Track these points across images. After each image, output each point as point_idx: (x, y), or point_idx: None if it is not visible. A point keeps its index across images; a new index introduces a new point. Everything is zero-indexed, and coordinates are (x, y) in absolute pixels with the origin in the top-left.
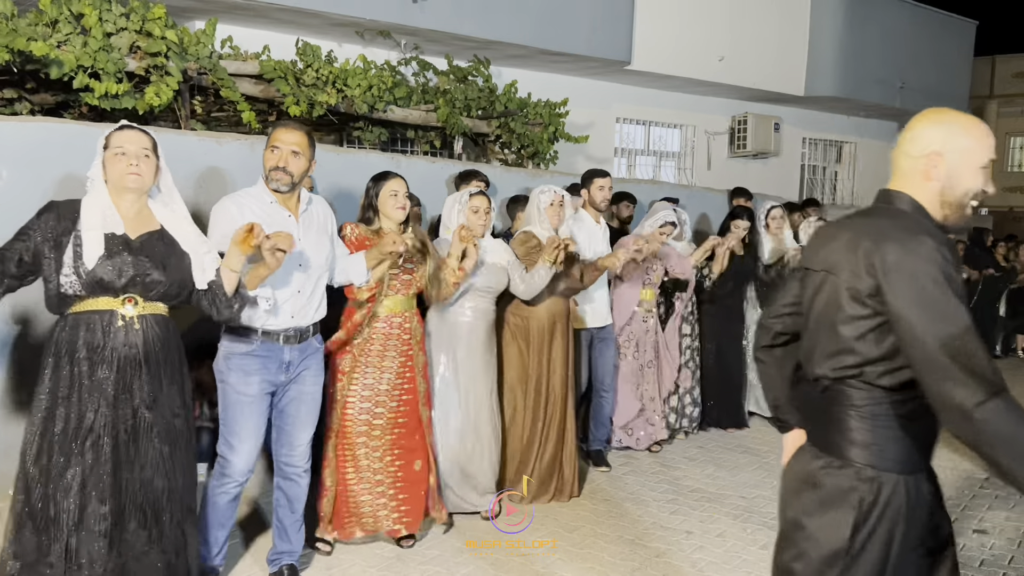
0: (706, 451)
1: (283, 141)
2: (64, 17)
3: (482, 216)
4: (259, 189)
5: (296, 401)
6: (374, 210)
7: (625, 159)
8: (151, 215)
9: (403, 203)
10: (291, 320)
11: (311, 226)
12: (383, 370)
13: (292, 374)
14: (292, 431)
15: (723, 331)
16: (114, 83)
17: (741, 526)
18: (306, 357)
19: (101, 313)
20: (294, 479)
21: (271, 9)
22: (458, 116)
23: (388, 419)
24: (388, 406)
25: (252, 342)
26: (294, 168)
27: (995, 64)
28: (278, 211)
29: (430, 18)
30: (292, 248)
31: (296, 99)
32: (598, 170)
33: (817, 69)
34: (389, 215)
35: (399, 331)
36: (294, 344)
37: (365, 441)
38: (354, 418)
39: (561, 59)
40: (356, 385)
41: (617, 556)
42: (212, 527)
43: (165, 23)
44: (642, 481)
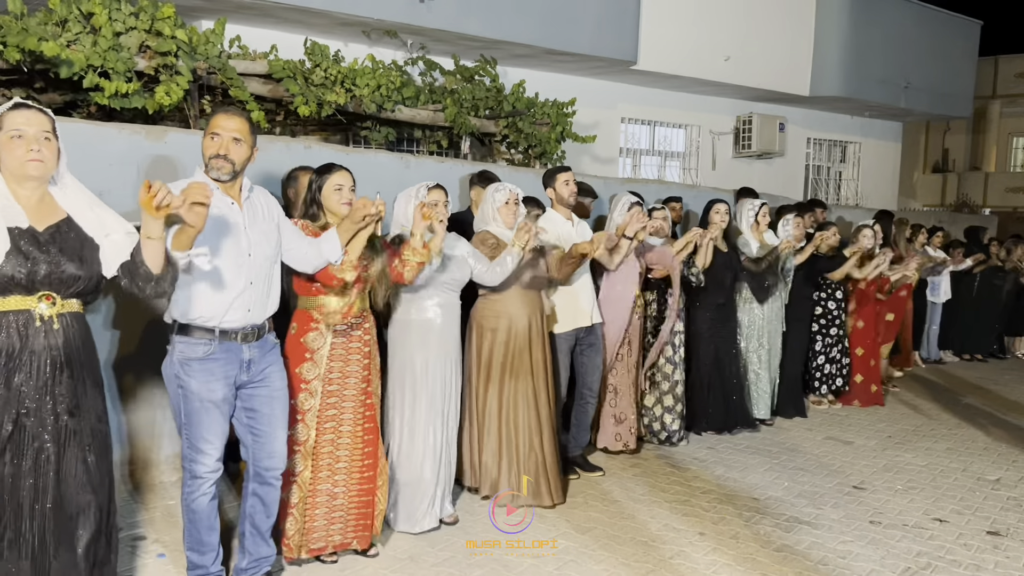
0: (716, 452)
1: (223, 128)
2: (74, 16)
3: (442, 210)
4: (198, 177)
5: (269, 400)
6: (318, 205)
7: (630, 159)
8: (55, 204)
9: (348, 198)
10: (248, 315)
11: (256, 214)
12: (347, 375)
13: (254, 373)
14: (269, 431)
15: (717, 333)
16: (124, 82)
17: (754, 527)
18: (266, 354)
19: (16, 313)
20: (272, 483)
21: (277, 8)
22: (466, 116)
23: (353, 428)
24: (355, 413)
25: (210, 343)
26: (235, 156)
27: (998, 64)
28: (220, 198)
29: (437, 18)
30: (210, 198)
31: (305, 99)
32: (558, 167)
33: (822, 69)
34: (334, 210)
35: (360, 332)
36: (252, 342)
37: (331, 451)
38: (320, 429)
39: (567, 59)
40: (321, 394)
41: (631, 558)
42: (203, 533)
43: (174, 22)
44: (652, 482)
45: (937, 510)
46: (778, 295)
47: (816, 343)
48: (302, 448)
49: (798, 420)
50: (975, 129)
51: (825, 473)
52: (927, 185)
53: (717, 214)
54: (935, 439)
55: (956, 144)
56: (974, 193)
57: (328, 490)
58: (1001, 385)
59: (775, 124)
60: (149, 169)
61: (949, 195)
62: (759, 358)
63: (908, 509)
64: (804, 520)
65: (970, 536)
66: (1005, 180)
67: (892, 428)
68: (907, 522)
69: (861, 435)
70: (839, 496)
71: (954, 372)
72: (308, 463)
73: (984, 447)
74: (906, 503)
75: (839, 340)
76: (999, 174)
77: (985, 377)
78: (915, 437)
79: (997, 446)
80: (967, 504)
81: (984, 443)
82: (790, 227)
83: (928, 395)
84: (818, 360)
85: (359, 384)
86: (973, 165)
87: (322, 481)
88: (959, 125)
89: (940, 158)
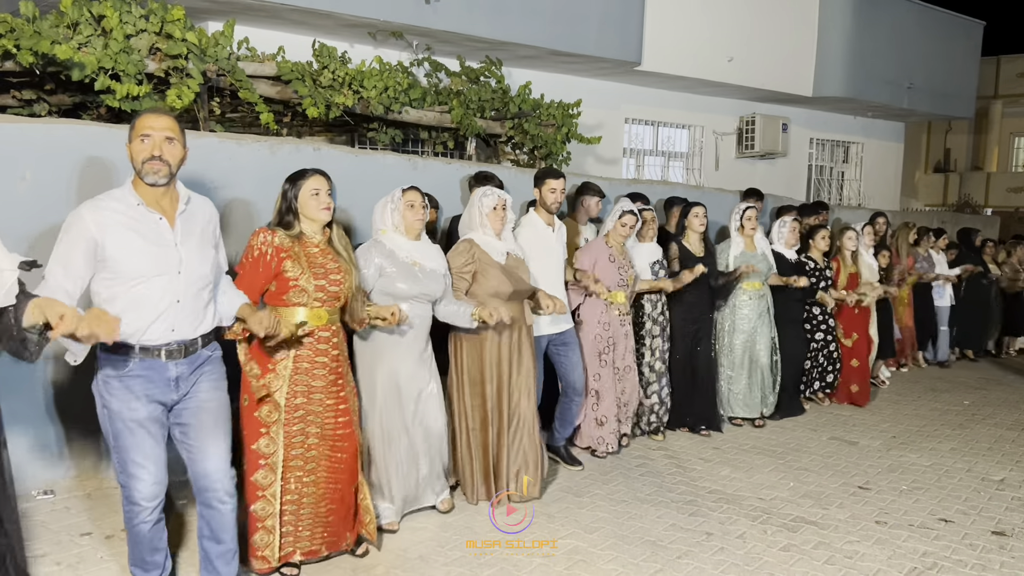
0: (721, 452)
1: (153, 128)
2: (85, 19)
3: (418, 212)
4: (124, 191)
5: (196, 411)
6: (294, 213)
7: (634, 159)
8: None
9: (327, 203)
10: (171, 333)
11: (192, 228)
12: (313, 390)
13: (184, 390)
14: (199, 445)
15: (687, 333)
16: (135, 85)
17: (761, 528)
18: (198, 367)
19: None
20: (215, 506)
21: (283, 10)
22: (472, 117)
23: (323, 444)
24: (324, 428)
25: (129, 360)
26: (170, 156)
27: (1000, 64)
28: (146, 216)
29: (442, 19)
30: (114, 338)
31: (313, 100)
32: (551, 170)
33: (825, 70)
34: (312, 217)
35: (327, 346)
36: (179, 358)
37: (300, 464)
38: (288, 443)
39: (571, 60)
40: (285, 407)
41: (639, 557)
42: (145, 553)
43: (184, 24)
44: (658, 482)
45: (942, 510)
46: (765, 297)
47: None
48: (268, 462)
49: (802, 420)
50: (977, 129)
51: (830, 473)
52: (929, 185)
53: (696, 217)
54: (939, 439)
55: (958, 144)
56: (976, 193)
57: (297, 500)
58: (1004, 385)
59: (778, 124)
60: None
61: (951, 195)
62: (734, 361)
63: (913, 509)
64: (810, 520)
65: (975, 536)
66: (1007, 180)
67: (896, 428)
68: (913, 522)
69: (865, 435)
70: (844, 496)
71: (956, 373)
72: (276, 476)
73: (988, 447)
74: (911, 503)
75: (826, 344)
76: (1001, 174)
77: (987, 377)
78: (919, 437)
79: (1001, 446)
80: (972, 504)
81: (988, 443)
82: (786, 230)
83: (931, 396)
84: (805, 364)
85: (327, 399)
86: (975, 165)
87: (290, 493)
88: (961, 125)
89: (942, 158)
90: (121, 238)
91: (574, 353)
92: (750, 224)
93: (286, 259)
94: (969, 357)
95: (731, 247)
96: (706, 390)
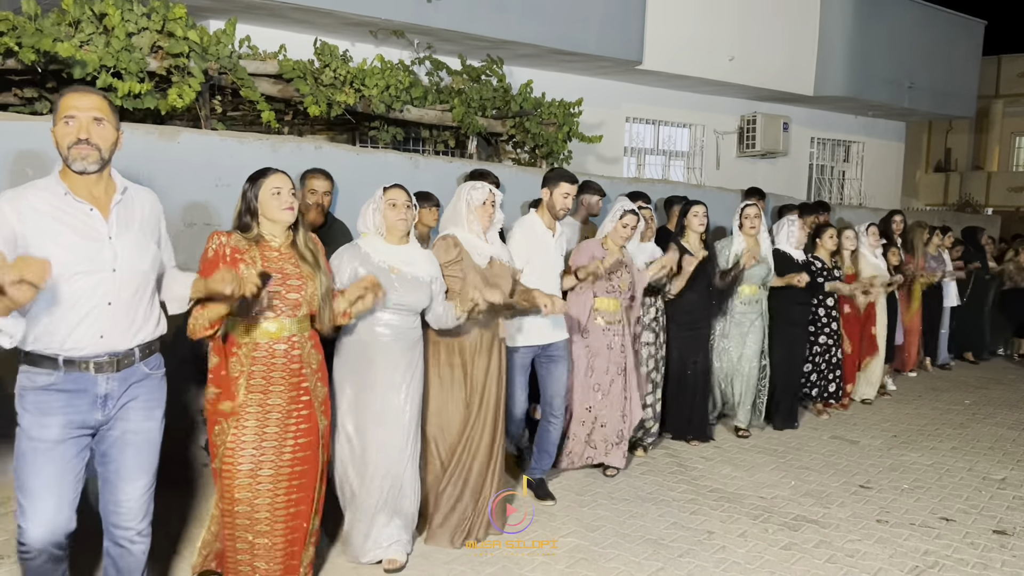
0: (722, 451)
1: (79, 107)
2: (87, 17)
3: (400, 211)
4: (50, 180)
5: (119, 444)
6: (252, 214)
7: (635, 158)
8: None
9: (288, 203)
10: (100, 341)
11: (130, 221)
12: (268, 409)
13: (112, 410)
14: (116, 482)
15: (683, 341)
16: (136, 83)
17: (762, 526)
18: (131, 386)
19: None
20: (124, 545)
21: (285, 8)
22: (473, 116)
23: (279, 468)
24: (280, 452)
25: (52, 373)
26: (100, 139)
27: (1001, 64)
28: (74, 206)
29: (444, 17)
30: (45, 280)
31: (315, 99)
32: (566, 172)
33: (826, 69)
34: (272, 217)
35: (285, 360)
36: (110, 372)
37: (249, 498)
38: (233, 469)
39: (573, 59)
40: (235, 429)
41: (640, 556)
42: None
43: (186, 23)
44: (660, 481)
45: (943, 509)
46: (760, 301)
47: (806, 351)
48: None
49: (803, 419)
50: (978, 128)
51: (831, 472)
52: (929, 185)
53: (696, 217)
54: (940, 439)
55: (958, 143)
56: (976, 193)
57: (248, 526)
58: (1004, 385)
59: (779, 124)
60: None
61: (951, 195)
62: (725, 367)
63: (914, 508)
64: (811, 519)
65: (977, 535)
66: (1007, 180)
67: (897, 428)
68: (914, 521)
69: (866, 435)
70: (846, 495)
71: (956, 373)
72: (223, 511)
73: (989, 447)
74: (912, 502)
75: (828, 348)
76: (1001, 174)
77: (988, 377)
78: (920, 437)
79: (1002, 446)
80: (973, 503)
81: (989, 443)
82: (795, 228)
83: (932, 395)
84: (805, 368)
85: (286, 420)
86: (975, 165)
87: (241, 516)
88: (961, 124)
89: (943, 157)
90: (46, 229)
91: (558, 368)
92: (748, 222)
93: (240, 263)
94: (969, 360)
95: (732, 244)
96: (700, 400)
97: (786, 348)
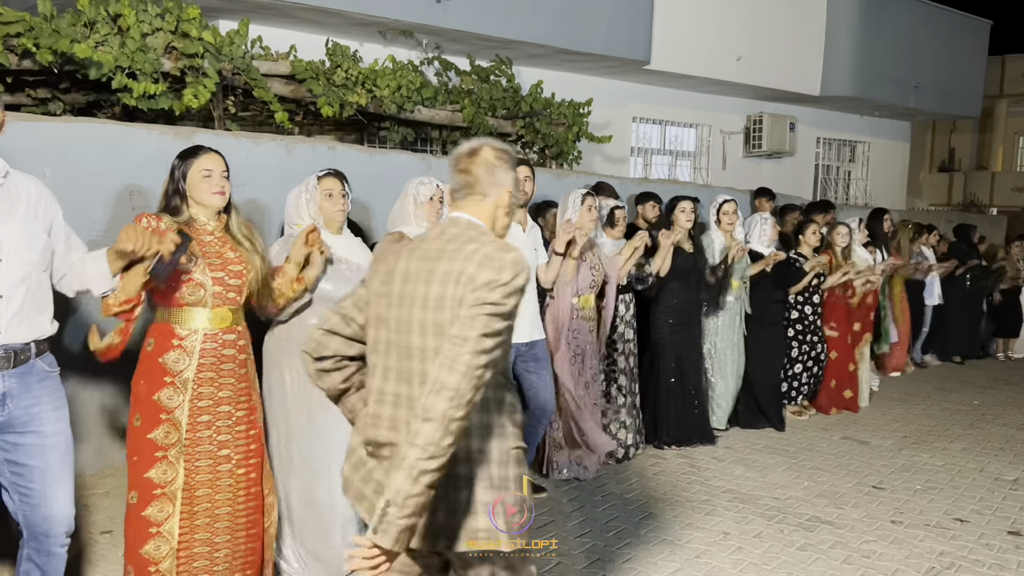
0: (734, 451)
1: None
2: (102, 18)
3: (337, 201)
4: None
5: (41, 450)
6: (181, 196)
7: (641, 158)
8: None
9: (219, 186)
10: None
11: (13, 208)
12: (219, 402)
13: (15, 413)
14: (45, 491)
15: (679, 340)
16: (151, 83)
17: (777, 527)
18: (32, 387)
19: None
20: (55, 551)
21: (295, 8)
22: (483, 116)
23: (234, 465)
24: (236, 446)
25: None
26: None
27: (1005, 64)
28: None
29: (452, 18)
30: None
31: (328, 100)
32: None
33: (833, 69)
34: (203, 201)
35: (234, 351)
36: (6, 369)
37: (209, 494)
38: (191, 468)
39: (580, 59)
40: (188, 426)
41: (657, 556)
42: None
43: (200, 24)
44: (672, 482)
45: (957, 510)
46: (738, 300)
47: (792, 350)
48: (165, 491)
49: (814, 419)
50: (982, 128)
51: (844, 473)
52: (934, 184)
53: (683, 213)
54: (950, 439)
55: (963, 143)
56: (981, 192)
57: (208, 539)
58: (1012, 385)
59: (785, 124)
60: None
61: (956, 194)
62: (711, 366)
63: (928, 509)
64: (826, 520)
65: (991, 536)
66: (1012, 179)
67: (907, 428)
68: (928, 522)
69: (877, 435)
70: (859, 496)
71: (964, 372)
72: (175, 508)
73: (1000, 447)
74: (926, 503)
75: (814, 347)
76: (1006, 173)
77: (996, 377)
78: (930, 437)
79: (1012, 446)
80: (987, 504)
81: (999, 443)
82: (768, 227)
83: (940, 396)
84: (795, 368)
85: (236, 412)
86: (979, 164)
87: (200, 530)
88: (965, 124)
89: (947, 157)
90: None
91: (545, 371)
92: (727, 219)
93: None
94: (956, 361)
95: (714, 242)
96: (699, 403)
97: (764, 348)
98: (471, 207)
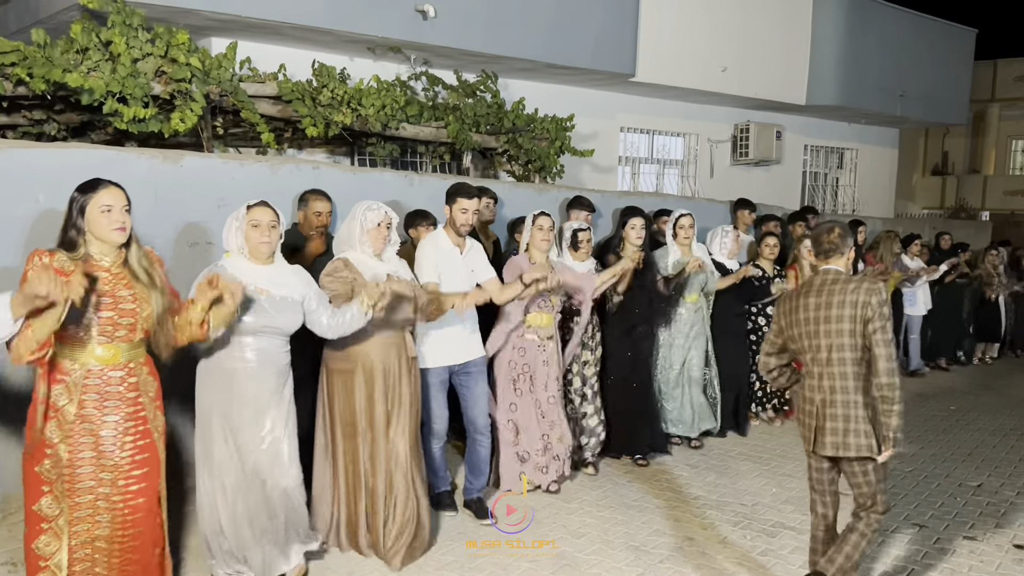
0: (708, 459)
1: None
2: (94, 45)
3: (264, 232)
4: None
5: None
6: (78, 230)
7: (629, 167)
8: None
9: (120, 222)
10: None
11: None
12: (101, 441)
13: None
14: None
15: (625, 355)
16: (141, 107)
17: (741, 532)
18: None
19: None
20: None
21: (285, 27)
22: (467, 132)
23: (117, 503)
24: (114, 487)
25: None
26: None
27: (997, 68)
28: None
29: (440, 34)
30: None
31: (313, 120)
32: (463, 186)
33: (819, 78)
34: (102, 237)
35: (122, 387)
36: None
37: (88, 528)
38: (73, 504)
39: (567, 72)
40: (70, 462)
41: (622, 562)
42: None
43: (188, 48)
44: (646, 488)
45: (917, 516)
46: (698, 312)
47: (749, 360)
48: (52, 526)
49: (790, 426)
50: (974, 132)
51: None
52: (926, 188)
53: (633, 230)
54: (922, 444)
55: (955, 147)
56: (973, 196)
57: (89, 570)
58: (991, 390)
59: (772, 132)
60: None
61: (948, 198)
62: (670, 377)
63: (889, 515)
64: (789, 525)
65: (946, 541)
66: (1004, 183)
67: None
68: (888, 527)
69: None
70: None
71: (943, 378)
72: (62, 544)
73: (968, 453)
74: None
75: None
76: (998, 177)
77: (976, 383)
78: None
79: (981, 452)
80: (947, 510)
81: (969, 449)
82: (728, 240)
83: (917, 401)
84: (751, 378)
85: (120, 450)
86: (972, 168)
87: (79, 562)
88: (958, 128)
89: (939, 161)
90: None
91: (478, 385)
92: (683, 232)
93: None
94: (941, 367)
95: (668, 255)
96: (651, 412)
97: (730, 358)
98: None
